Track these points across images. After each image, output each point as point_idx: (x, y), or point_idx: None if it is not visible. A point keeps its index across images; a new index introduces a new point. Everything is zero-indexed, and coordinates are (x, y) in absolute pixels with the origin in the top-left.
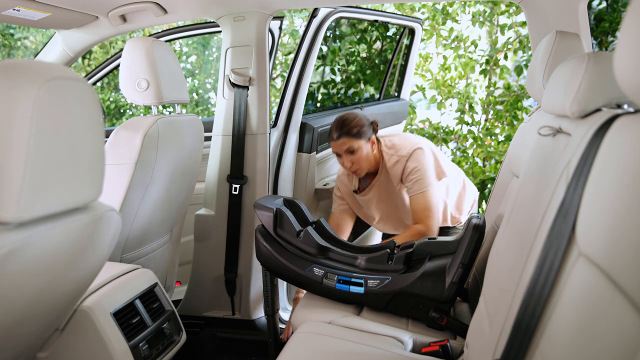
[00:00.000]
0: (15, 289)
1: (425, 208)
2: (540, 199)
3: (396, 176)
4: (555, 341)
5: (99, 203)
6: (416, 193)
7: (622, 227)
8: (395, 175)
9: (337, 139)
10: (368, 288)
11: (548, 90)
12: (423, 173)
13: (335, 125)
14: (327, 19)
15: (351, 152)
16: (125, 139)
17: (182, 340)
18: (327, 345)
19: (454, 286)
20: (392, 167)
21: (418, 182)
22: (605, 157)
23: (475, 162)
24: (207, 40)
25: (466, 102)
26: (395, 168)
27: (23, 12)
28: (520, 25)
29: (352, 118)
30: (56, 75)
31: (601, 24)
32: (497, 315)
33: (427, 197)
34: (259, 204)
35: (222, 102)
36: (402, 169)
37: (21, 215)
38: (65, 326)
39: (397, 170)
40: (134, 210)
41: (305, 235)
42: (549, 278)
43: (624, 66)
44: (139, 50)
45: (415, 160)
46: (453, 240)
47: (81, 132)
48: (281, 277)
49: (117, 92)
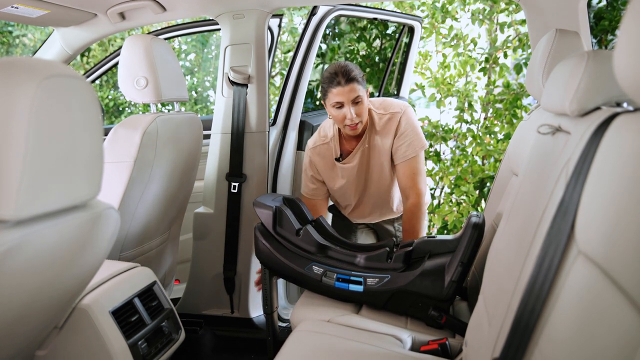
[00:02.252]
0: (14, 287)
1: (415, 172)
2: (539, 197)
3: (389, 133)
4: (554, 339)
5: (97, 201)
6: (408, 158)
7: (621, 226)
8: (387, 132)
9: (346, 84)
10: (367, 286)
11: (547, 89)
12: (417, 134)
13: (339, 71)
14: (326, 17)
15: (357, 101)
16: (124, 137)
17: (180, 338)
18: (326, 343)
19: (453, 285)
20: (384, 125)
21: (411, 145)
22: (604, 155)
23: (475, 161)
24: (206, 38)
25: (465, 100)
26: (388, 126)
27: (22, 9)
28: (519, 23)
29: (353, 66)
30: (55, 72)
31: (601, 22)
32: (496, 314)
33: (418, 160)
34: (258, 202)
35: (221, 100)
36: (396, 125)
37: (19, 213)
38: (64, 324)
39: (390, 127)
40: (132, 209)
41: (304, 233)
42: (548, 276)
43: (624, 64)
44: (137, 48)
45: (409, 118)
46: (452, 238)
47: (80, 129)
48: (280, 275)
49: (116, 89)
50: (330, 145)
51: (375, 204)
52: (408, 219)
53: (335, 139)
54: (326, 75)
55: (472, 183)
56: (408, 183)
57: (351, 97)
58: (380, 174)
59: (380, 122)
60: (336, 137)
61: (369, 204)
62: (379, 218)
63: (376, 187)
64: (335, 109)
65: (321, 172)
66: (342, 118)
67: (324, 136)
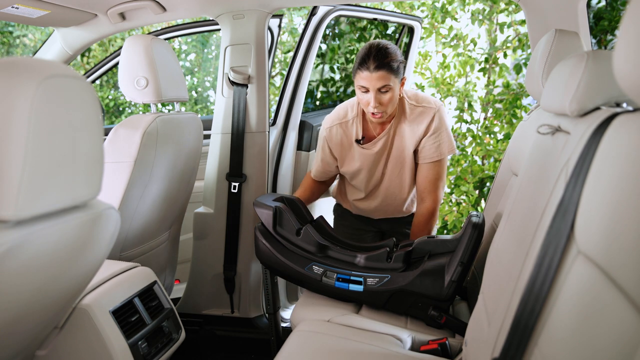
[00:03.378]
0: (14, 286)
1: (438, 178)
2: (539, 197)
3: (419, 129)
4: (553, 339)
5: (97, 201)
6: (433, 160)
7: (621, 226)
8: (417, 127)
9: (375, 70)
10: (367, 286)
11: (547, 89)
12: (448, 137)
13: (374, 52)
14: (326, 17)
15: (385, 90)
16: (124, 137)
17: (181, 338)
18: (326, 343)
19: (453, 284)
20: (415, 117)
21: (440, 148)
22: (604, 155)
23: (474, 161)
24: (207, 38)
25: (465, 100)
26: (419, 119)
27: (22, 9)
28: (519, 23)
29: (393, 49)
30: (55, 73)
31: (600, 23)
32: (496, 313)
33: (442, 165)
34: (259, 202)
35: (221, 100)
36: (428, 122)
37: (20, 213)
38: (64, 324)
39: (421, 121)
40: (132, 208)
41: (304, 233)
42: (547, 276)
43: (623, 65)
44: (138, 48)
45: (443, 118)
46: (452, 238)
47: (80, 130)
48: (280, 275)
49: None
50: (351, 125)
51: (385, 198)
52: (420, 223)
53: (358, 120)
54: (360, 53)
55: (472, 183)
56: (428, 187)
57: (377, 85)
58: (400, 167)
59: (411, 114)
60: (360, 116)
61: (379, 197)
62: (384, 215)
63: (391, 181)
64: (361, 92)
65: (335, 151)
66: (365, 103)
67: (344, 116)
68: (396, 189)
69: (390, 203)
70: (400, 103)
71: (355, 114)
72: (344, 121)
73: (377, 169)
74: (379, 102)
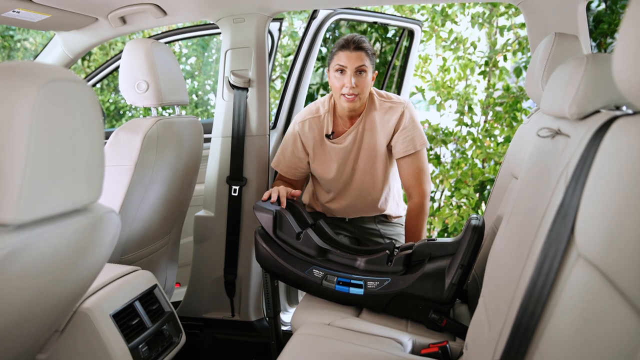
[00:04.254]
0: (15, 290)
1: (419, 171)
2: (539, 201)
3: (388, 125)
4: (554, 341)
5: (98, 205)
6: (409, 153)
7: (621, 229)
8: (386, 123)
9: (354, 50)
10: (367, 289)
11: (547, 92)
12: (419, 131)
13: (351, 38)
14: (326, 21)
15: (360, 71)
16: (125, 141)
17: (181, 341)
18: (326, 347)
19: (454, 287)
20: (384, 113)
21: (414, 140)
22: (603, 158)
23: (475, 164)
24: (207, 41)
25: (465, 103)
26: (388, 115)
27: (23, 14)
28: (519, 26)
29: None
30: (56, 77)
31: (600, 26)
32: (497, 317)
33: (421, 159)
34: (259, 206)
35: (222, 103)
36: (398, 118)
37: (21, 216)
38: (65, 328)
39: (392, 118)
40: (133, 212)
41: (305, 237)
42: (548, 279)
43: (623, 68)
44: (138, 51)
45: (412, 113)
46: (452, 241)
47: (81, 133)
48: (281, 279)
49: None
50: (322, 119)
51: (358, 196)
52: (412, 218)
53: (329, 115)
54: (338, 42)
55: (473, 186)
56: (412, 182)
57: (356, 64)
58: (372, 162)
59: (380, 108)
60: (331, 112)
61: (351, 195)
62: (359, 213)
63: (363, 176)
64: (337, 74)
65: (307, 146)
66: (340, 85)
67: (315, 111)
68: (369, 185)
69: (363, 200)
70: (370, 98)
71: (327, 109)
72: (316, 116)
73: (347, 164)
74: (356, 83)
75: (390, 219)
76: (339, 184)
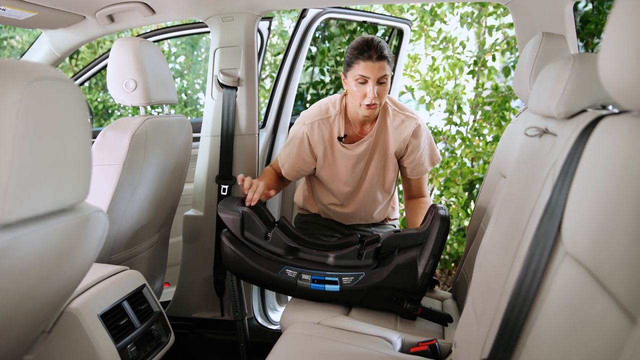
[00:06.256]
0: (1, 290)
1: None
2: (527, 199)
3: (399, 138)
4: (541, 340)
5: (86, 204)
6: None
7: (607, 227)
8: (399, 135)
9: (377, 61)
10: (343, 285)
11: (534, 91)
12: (433, 150)
13: (375, 43)
14: (315, 20)
15: (382, 82)
16: (113, 140)
17: (170, 341)
18: (316, 346)
19: (426, 277)
20: (397, 126)
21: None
22: (590, 157)
23: (464, 163)
24: (196, 40)
25: (454, 102)
26: (401, 128)
27: (9, 11)
28: (507, 26)
29: (385, 43)
30: (42, 75)
31: (587, 26)
32: (485, 315)
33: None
34: (223, 207)
35: (211, 102)
36: (411, 132)
37: (6, 216)
38: (52, 328)
39: (404, 132)
40: (121, 211)
41: (274, 236)
42: (535, 277)
43: (609, 68)
44: (126, 50)
45: (426, 132)
46: (419, 232)
47: (68, 132)
48: (252, 281)
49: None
50: (333, 121)
51: (362, 205)
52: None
53: (341, 116)
54: (356, 45)
55: (462, 185)
56: (416, 192)
57: (378, 75)
58: (380, 173)
59: (393, 119)
60: (342, 114)
61: (356, 203)
62: (356, 220)
63: (370, 186)
64: (358, 83)
65: (316, 149)
66: (362, 95)
67: (325, 112)
68: (373, 194)
69: (366, 208)
70: (383, 106)
71: (338, 111)
72: (326, 117)
73: (357, 172)
74: (378, 93)
75: (385, 222)
76: (345, 190)
